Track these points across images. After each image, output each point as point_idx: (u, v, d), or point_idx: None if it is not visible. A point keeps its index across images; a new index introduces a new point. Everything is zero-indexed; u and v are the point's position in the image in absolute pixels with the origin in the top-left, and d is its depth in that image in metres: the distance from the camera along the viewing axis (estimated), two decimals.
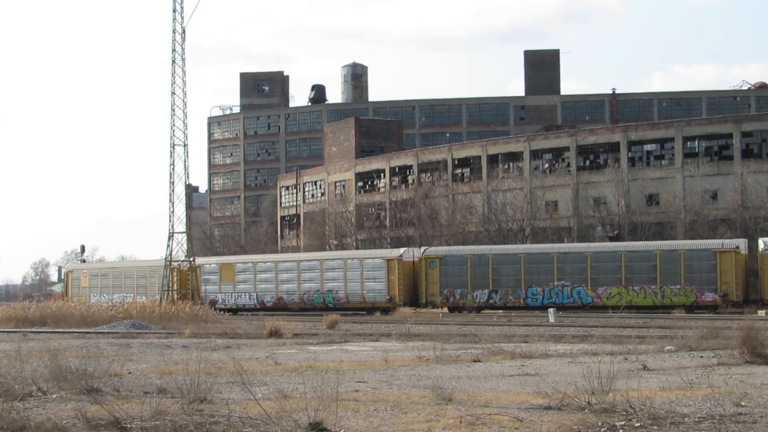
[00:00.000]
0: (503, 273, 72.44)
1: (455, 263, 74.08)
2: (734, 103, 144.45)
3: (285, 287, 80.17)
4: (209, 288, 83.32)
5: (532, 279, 71.50)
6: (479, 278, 73.00)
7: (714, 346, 33.76)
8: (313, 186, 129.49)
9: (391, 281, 75.09)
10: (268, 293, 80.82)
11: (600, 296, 69.45)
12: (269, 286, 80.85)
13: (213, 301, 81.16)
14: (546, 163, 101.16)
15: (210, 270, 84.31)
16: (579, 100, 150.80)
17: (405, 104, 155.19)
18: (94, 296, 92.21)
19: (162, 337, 48.06)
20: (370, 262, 76.72)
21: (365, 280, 76.36)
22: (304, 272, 79.57)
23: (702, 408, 19.56)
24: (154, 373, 28.58)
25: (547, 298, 70.63)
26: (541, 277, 71.37)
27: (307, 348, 39.04)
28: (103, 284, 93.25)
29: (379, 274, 75.78)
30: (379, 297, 75.51)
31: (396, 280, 74.90)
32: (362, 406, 20.73)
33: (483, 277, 72.89)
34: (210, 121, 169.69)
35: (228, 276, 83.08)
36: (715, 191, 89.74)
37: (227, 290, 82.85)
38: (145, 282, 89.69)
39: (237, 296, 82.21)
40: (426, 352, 33.33)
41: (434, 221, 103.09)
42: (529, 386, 24.13)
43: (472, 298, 72.94)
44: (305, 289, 79.10)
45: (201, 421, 18.11)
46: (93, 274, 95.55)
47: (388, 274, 75.29)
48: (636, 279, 68.90)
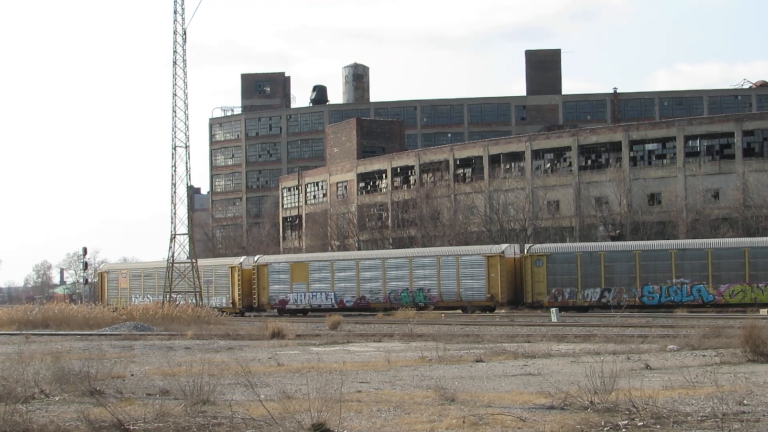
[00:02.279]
0: (616, 270, 69.97)
1: (564, 261, 71.60)
2: (736, 101, 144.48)
3: (368, 286, 77.61)
4: (278, 288, 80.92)
5: (648, 276, 69.02)
6: (590, 276, 70.48)
7: (716, 345, 33.75)
8: (314, 187, 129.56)
9: (491, 279, 72.46)
10: (349, 292, 78.31)
11: (722, 294, 67.17)
12: (350, 285, 78.32)
13: (283, 302, 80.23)
14: (548, 162, 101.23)
15: (279, 269, 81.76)
16: (580, 100, 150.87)
17: (406, 104, 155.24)
18: (136, 298, 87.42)
19: (164, 339, 48.05)
20: (467, 258, 74.04)
21: (462, 277, 73.75)
22: (390, 270, 77.10)
23: (705, 407, 19.55)
24: (157, 374, 28.58)
25: (665, 296, 68.55)
26: (657, 275, 68.87)
27: (309, 349, 39.04)
28: (147, 285, 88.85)
29: (478, 272, 73.06)
30: (478, 295, 72.98)
31: (497, 278, 72.32)
32: (365, 407, 20.73)
33: (594, 275, 70.41)
34: (211, 123, 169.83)
35: (301, 275, 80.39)
36: (716, 190, 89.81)
37: (300, 290, 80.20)
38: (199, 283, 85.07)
39: (311, 296, 79.59)
40: (429, 353, 33.31)
41: (436, 222, 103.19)
42: (531, 386, 24.13)
43: (583, 297, 70.56)
44: (392, 288, 76.55)
45: (204, 423, 18.12)
46: (135, 275, 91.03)
47: (488, 271, 72.63)
48: (762, 276, 66.59)
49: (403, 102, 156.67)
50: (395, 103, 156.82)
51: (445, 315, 70.22)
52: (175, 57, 77.90)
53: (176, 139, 77.53)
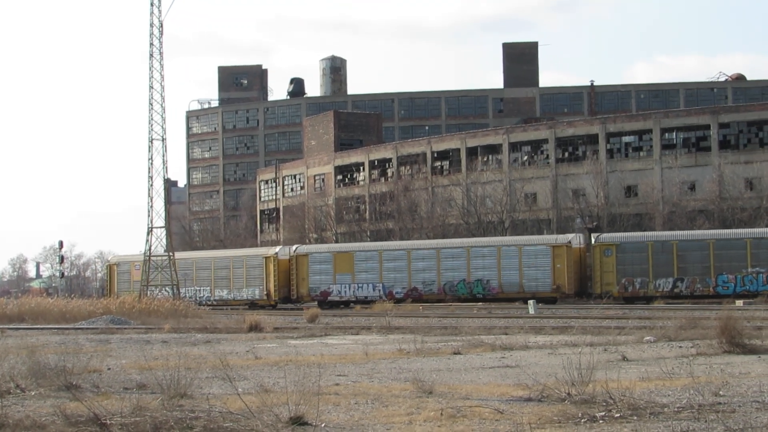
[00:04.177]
0: (689, 260, 68.89)
1: (634, 250, 70.19)
2: (712, 94, 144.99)
3: (421, 276, 75.90)
4: (319, 278, 79.08)
5: (722, 266, 68.04)
6: (662, 266, 69.32)
7: (693, 336, 33.86)
8: (292, 180, 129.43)
9: (557, 269, 71.32)
10: (399, 283, 76.62)
11: None
12: (400, 276, 76.64)
13: (325, 293, 78.63)
14: (525, 155, 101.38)
15: (321, 259, 79.73)
16: (557, 92, 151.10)
17: (384, 97, 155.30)
18: (151, 291, 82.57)
19: (141, 333, 47.94)
20: (531, 248, 72.79)
21: (525, 267, 72.46)
22: (445, 260, 75.30)
23: (681, 398, 19.63)
24: (134, 368, 28.50)
25: (740, 285, 67.48)
26: (732, 264, 67.88)
27: (287, 342, 38.99)
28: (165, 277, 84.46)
29: (543, 262, 71.96)
30: (543, 287, 71.78)
31: (564, 269, 71.27)
32: (343, 400, 20.73)
33: (667, 264, 69.27)
34: (188, 115, 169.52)
35: (345, 265, 78.52)
36: (693, 182, 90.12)
37: (344, 281, 78.31)
38: (226, 274, 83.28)
39: (357, 287, 77.73)
40: (406, 345, 33.35)
41: (414, 214, 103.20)
42: (509, 378, 24.17)
43: (655, 287, 69.22)
44: (447, 279, 74.93)
45: (181, 417, 18.06)
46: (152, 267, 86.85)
47: (553, 261, 71.53)
48: None
49: (381, 95, 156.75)
50: (373, 96, 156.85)
51: (422, 307, 70.22)
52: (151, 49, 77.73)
53: (153, 132, 77.37)
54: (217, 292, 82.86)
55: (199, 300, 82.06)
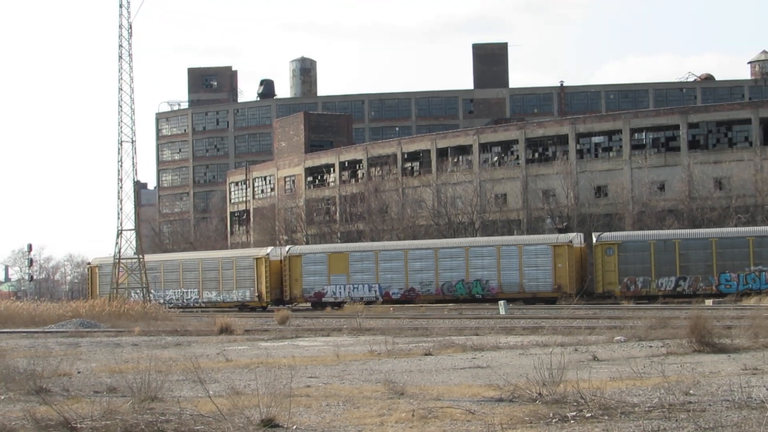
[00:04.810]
0: (692, 258, 68.72)
1: (636, 249, 69.99)
2: (681, 94, 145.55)
3: (418, 277, 75.10)
4: (312, 279, 78.16)
5: (725, 264, 67.84)
6: (664, 265, 69.11)
7: (663, 336, 34.00)
8: (262, 181, 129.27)
9: (558, 269, 70.78)
10: (396, 284, 75.82)
11: None
12: (397, 276, 75.76)
13: (319, 294, 77.80)
14: (495, 156, 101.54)
15: (314, 259, 78.73)
16: (527, 93, 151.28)
17: (354, 98, 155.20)
18: (136, 293, 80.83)
19: (111, 336, 47.74)
20: (532, 248, 72.17)
21: (525, 267, 71.93)
22: (443, 260, 74.55)
23: (652, 397, 19.71)
24: (104, 372, 28.41)
25: (743, 284, 67.28)
26: (735, 263, 67.68)
27: (258, 344, 38.97)
28: (152, 280, 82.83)
29: (544, 261, 71.41)
30: (544, 286, 71.44)
31: (565, 268, 70.76)
32: (314, 402, 20.73)
33: (669, 263, 69.06)
34: (158, 117, 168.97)
35: (339, 266, 77.60)
36: (662, 182, 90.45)
37: (338, 281, 77.51)
38: (215, 276, 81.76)
39: (352, 288, 76.88)
40: (377, 347, 33.38)
41: (384, 215, 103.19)
42: (480, 379, 24.21)
43: (657, 286, 69.11)
44: (445, 279, 74.25)
45: (152, 420, 18.01)
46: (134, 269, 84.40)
47: (554, 261, 70.99)
48: None
49: (351, 96, 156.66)
50: (343, 97, 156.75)
51: (393, 308, 70.18)
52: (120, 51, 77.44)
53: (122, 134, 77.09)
54: (205, 294, 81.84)
55: (186, 302, 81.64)
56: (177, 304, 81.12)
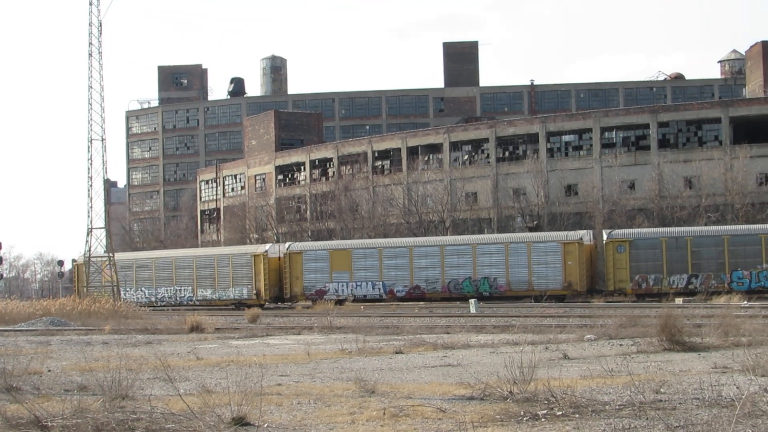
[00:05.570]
0: (704, 256, 68.30)
1: (647, 246, 69.54)
2: (651, 93, 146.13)
3: (424, 274, 74.19)
4: (314, 277, 77.07)
5: (737, 262, 67.53)
6: (676, 262, 68.61)
7: (633, 335, 34.11)
8: (233, 180, 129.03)
9: (568, 267, 70.43)
10: (400, 281, 74.88)
11: None
12: (401, 274, 74.82)
13: (320, 292, 76.40)
14: (466, 154, 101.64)
15: (316, 256, 77.64)
16: (498, 92, 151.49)
17: (325, 96, 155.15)
18: (126, 291, 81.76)
19: (82, 334, 47.56)
20: (541, 245, 71.58)
21: (534, 265, 71.29)
22: (450, 257, 73.66)
23: (622, 395, 19.76)
24: (75, 370, 28.30)
25: (755, 281, 67.10)
26: (747, 260, 67.43)
27: (229, 342, 38.89)
28: (140, 277, 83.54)
29: (553, 259, 70.91)
30: (553, 284, 70.79)
31: (575, 266, 70.44)
32: (285, 400, 20.70)
33: (681, 260, 68.56)
34: (128, 115, 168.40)
35: (342, 263, 76.55)
36: (632, 181, 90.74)
37: (341, 279, 76.44)
38: (210, 273, 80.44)
39: (355, 285, 75.92)
40: (348, 345, 33.37)
41: (355, 214, 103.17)
42: (451, 377, 24.23)
43: (669, 284, 68.49)
44: (452, 276, 73.40)
45: (123, 418, 17.94)
46: (124, 266, 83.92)
47: (564, 258, 70.58)
48: None
49: (322, 94, 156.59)
50: (313, 95, 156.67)
51: (363, 307, 70.18)
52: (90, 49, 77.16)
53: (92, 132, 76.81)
54: (200, 291, 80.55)
55: (180, 300, 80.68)
56: (170, 302, 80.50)
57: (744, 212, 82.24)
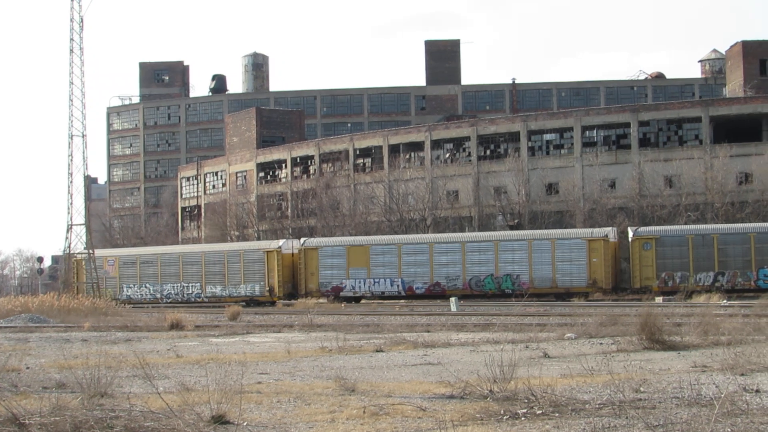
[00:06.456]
0: (730, 253, 67.59)
1: (674, 244, 68.57)
2: (632, 92, 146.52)
3: (444, 271, 73.02)
4: (330, 273, 75.82)
5: (764, 260, 66.83)
6: (703, 260, 67.86)
7: (613, 333, 34.16)
8: (214, 177, 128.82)
9: (593, 264, 69.63)
10: (420, 278, 73.68)
11: None
12: (421, 270, 73.62)
13: (337, 288, 75.40)
14: (447, 152, 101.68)
15: (332, 252, 76.17)
16: (480, 90, 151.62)
17: (306, 94, 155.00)
18: (129, 288, 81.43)
19: (61, 331, 47.39)
20: (565, 242, 70.81)
21: (558, 262, 70.49)
22: (471, 254, 72.53)
23: (602, 394, 19.78)
24: (53, 367, 28.19)
25: None
26: None
27: (209, 340, 38.82)
28: (144, 273, 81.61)
29: (578, 256, 70.07)
30: (578, 281, 70.05)
31: (600, 263, 69.59)
32: (265, 398, 20.66)
33: (707, 258, 67.80)
34: (109, 111, 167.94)
35: (359, 259, 75.17)
36: (613, 180, 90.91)
37: (358, 275, 75.20)
38: (220, 270, 78.76)
39: (373, 282, 74.68)
40: (329, 343, 33.33)
41: (336, 211, 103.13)
42: (431, 375, 24.23)
43: (695, 281, 67.49)
44: (473, 273, 72.24)
45: (102, 416, 17.87)
46: (127, 261, 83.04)
47: (589, 255, 69.85)
48: None
49: (303, 91, 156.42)
50: (295, 93, 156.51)
51: (344, 305, 70.12)
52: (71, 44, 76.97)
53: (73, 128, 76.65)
54: (209, 288, 78.99)
55: (187, 297, 79.60)
56: (176, 299, 79.32)
57: (724, 211, 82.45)
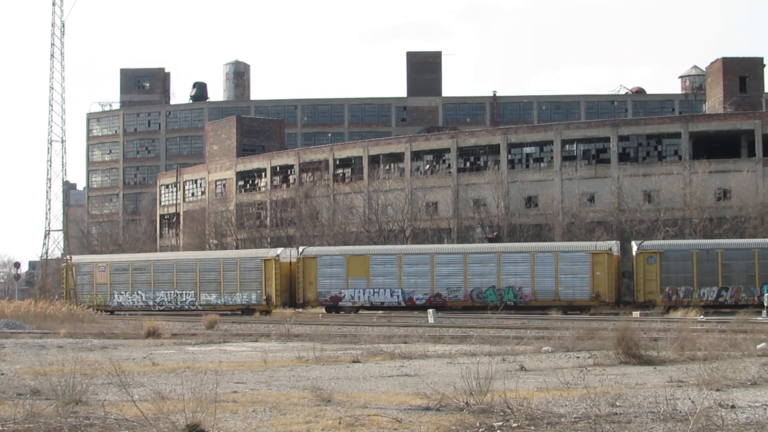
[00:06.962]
0: (734, 269, 67.69)
1: (678, 258, 68.76)
2: (612, 107, 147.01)
3: (445, 282, 72.75)
4: (329, 282, 75.41)
5: (767, 275, 66.80)
6: (706, 274, 67.89)
7: (590, 347, 34.18)
8: (193, 184, 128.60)
9: (597, 277, 69.42)
10: (420, 289, 73.38)
11: None
12: (422, 281, 73.35)
13: (335, 298, 75.12)
14: (427, 164, 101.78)
15: (331, 261, 75.88)
16: (460, 102, 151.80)
17: (287, 103, 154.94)
18: (120, 295, 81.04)
19: (37, 337, 47.20)
20: (568, 255, 70.60)
21: (561, 275, 70.30)
22: (473, 265, 72.35)
23: (578, 408, 19.77)
24: (28, 374, 28.06)
25: None
26: None
27: (185, 348, 38.70)
28: (136, 280, 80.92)
29: (581, 269, 69.93)
30: (581, 294, 69.91)
31: (604, 276, 69.44)
32: (241, 408, 20.59)
33: (711, 273, 67.81)
34: (89, 117, 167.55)
35: (359, 269, 74.83)
36: (592, 194, 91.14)
37: (357, 285, 74.79)
38: (216, 277, 78.08)
39: (373, 292, 74.36)
40: (305, 353, 33.26)
41: (315, 221, 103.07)
42: (408, 387, 24.19)
43: (699, 296, 67.71)
44: (475, 285, 72.08)
45: (76, 423, 17.81)
46: (118, 267, 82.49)
47: (593, 268, 69.60)
48: None
49: (284, 101, 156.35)
50: (276, 102, 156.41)
51: (322, 315, 69.99)
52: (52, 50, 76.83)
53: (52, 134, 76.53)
54: (203, 296, 78.19)
55: (181, 305, 78.90)
56: (169, 307, 78.92)
57: (702, 227, 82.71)
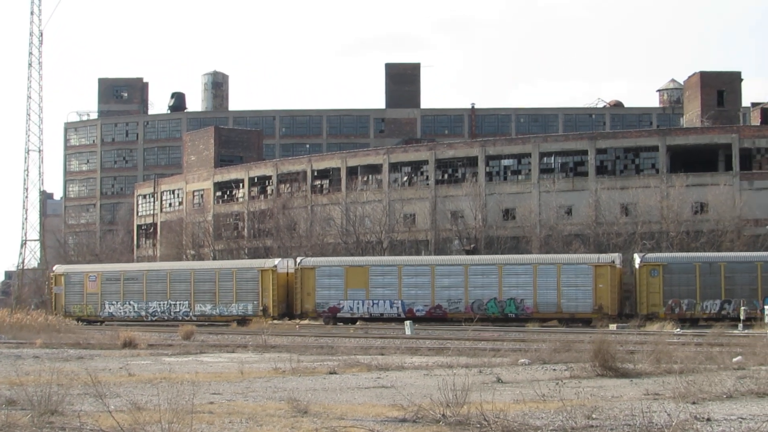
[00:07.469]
0: (737, 282, 67.71)
1: (681, 271, 68.69)
2: (590, 120, 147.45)
3: (446, 293, 72.35)
4: (327, 293, 74.86)
5: None
6: (709, 287, 67.90)
7: (567, 360, 34.23)
8: (170, 195, 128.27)
9: (599, 290, 69.14)
10: (420, 300, 72.95)
11: None
12: (422, 292, 72.94)
13: (334, 309, 74.57)
14: (405, 176, 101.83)
15: (330, 272, 75.34)
16: (438, 114, 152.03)
17: (265, 114, 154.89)
18: (111, 305, 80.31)
19: (12, 347, 47.02)
20: (571, 267, 70.30)
21: (563, 287, 69.93)
22: (474, 277, 72.04)
23: (554, 420, 19.81)
24: (4, 384, 27.92)
25: None
26: None
27: (162, 359, 38.60)
28: (129, 290, 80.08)
29: (584, 281, 69.64)
30: (583, 307, 69.52)
31: (606, 289, 69.18)
32: (217, 419, 20.56)
33: (714, 286, 67.89)
34: (67, 127, 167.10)
35: (358, 280, 74.28)
36: (570, 207, 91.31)
37: (356, 296, 74.27)
38: (210, 288, 77.35)
39: (372, 303, 73.83)
40: (282, 364, 33.24)
41: (293, 232, 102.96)
42: (384, 398, 24.20)
43: (702, 309, 67.73)
44: (476, 296, 71.73)
45: None
46: (110, 277, 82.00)
47: (595, 281, 69.39)
48: None
49: (262, 111, 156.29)
50: (254, 113, 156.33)
51: (299, 326, 69.86)
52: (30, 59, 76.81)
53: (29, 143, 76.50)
54: (198, 306, 77.43)
55: (175, 315, 78.10)
56: (162, 317, 78.29)
57: (679, 240, 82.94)
